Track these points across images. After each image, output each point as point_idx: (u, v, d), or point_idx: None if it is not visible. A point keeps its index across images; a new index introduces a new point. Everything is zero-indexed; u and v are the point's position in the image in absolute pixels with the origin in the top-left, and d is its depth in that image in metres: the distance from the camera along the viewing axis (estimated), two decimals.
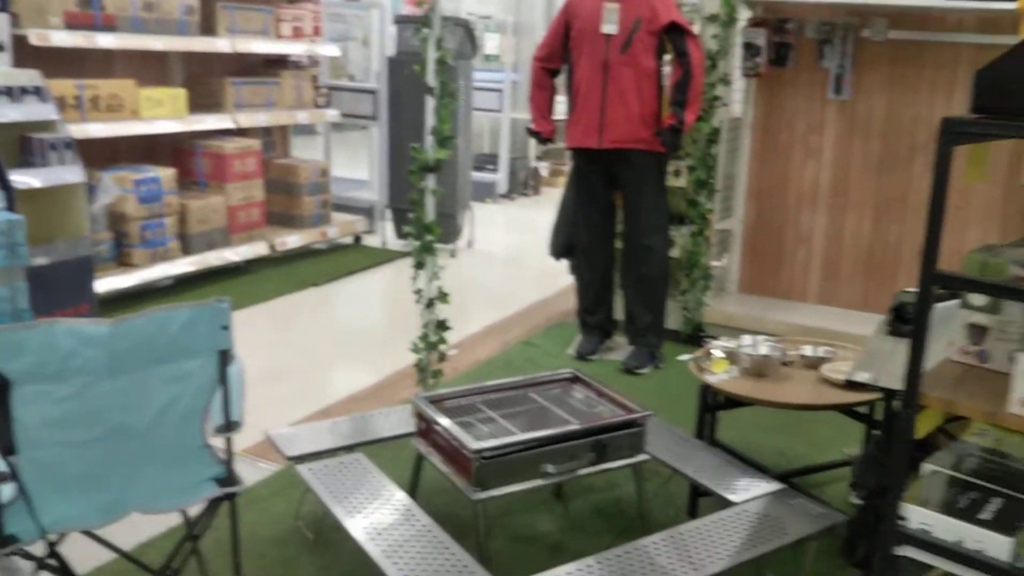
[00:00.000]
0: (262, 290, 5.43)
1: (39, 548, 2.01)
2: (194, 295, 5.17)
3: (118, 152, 5.51)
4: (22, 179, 3.83)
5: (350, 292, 5.71)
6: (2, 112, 3.79)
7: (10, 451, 1.80)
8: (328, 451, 2.81)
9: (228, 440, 2.12)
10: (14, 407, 1.80)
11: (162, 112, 5.16)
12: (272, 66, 6.33)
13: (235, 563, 2.23)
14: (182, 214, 5.34)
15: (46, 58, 4.70)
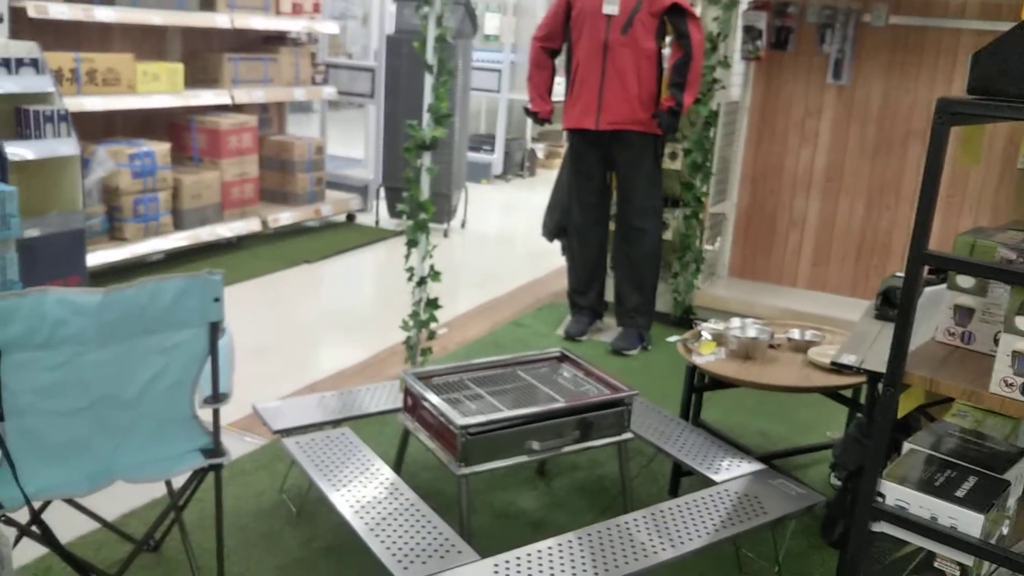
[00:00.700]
0: (254, 266, 5.44)
1: (23, 516, 2.03)
2: (185, 270, 5.11)
3: (113, 126, 5.51)
4: (16, 150, 3.83)
5: (341, 270, 5.73)
6: None
7: None
8: (315, 425, 2.83)
9: (216, 412, 2.14)
10: (3, 374, 1.81)
11: (159, 87, 5.15)
12: (271, 43, 6.31)
13: (218, 534, 2.24)
14: (176, 189, 5.33)
15: (44, 30, 4.69)
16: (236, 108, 5.93)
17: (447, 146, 6.08)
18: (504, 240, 6.84)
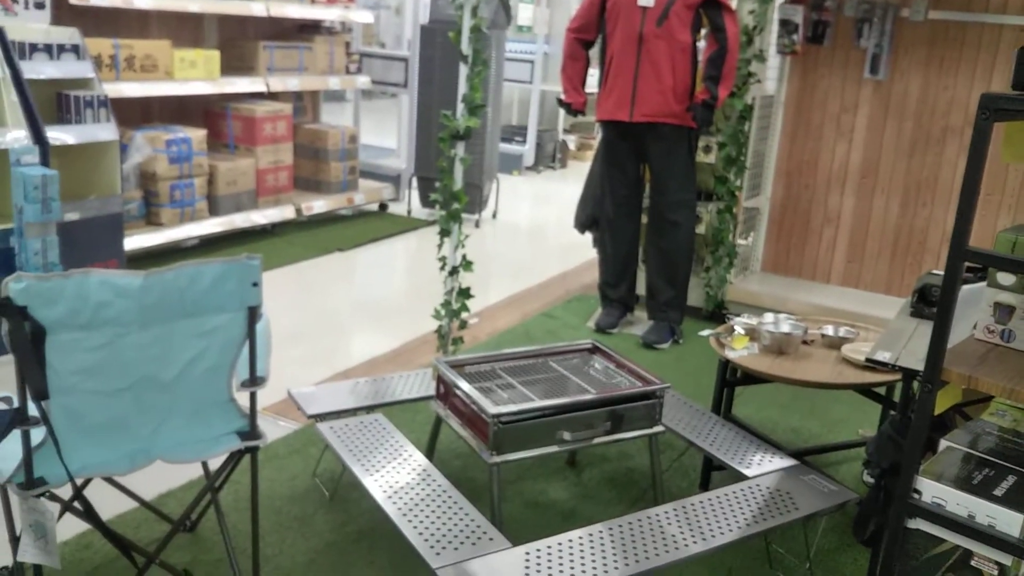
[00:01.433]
0: (287, 253, 5.49)
1: (65, 492, 2.07)
2: (219, 256, 5.22)
3: (150, 112, 5.58)
4: (57, 135, 3.89)
5: (373, 258, 5.76)
6: (41, 69, 3.84)
7: (43, 396, 1.85)
8: (348, 411, 2.86)
9: (253, 395, 2.16)
10: (48, 354, 1.85)
11: (195, 73, 5.21)
12: (306, 31, 6.35)
13: (254, 515, 2.27)
14: (211, 175, 5.39)
15: (84, 16, 4.76)
16: (271, 96, 5.98)
17: (479, 137, 6.09)
18: (535, 231, 6.85)
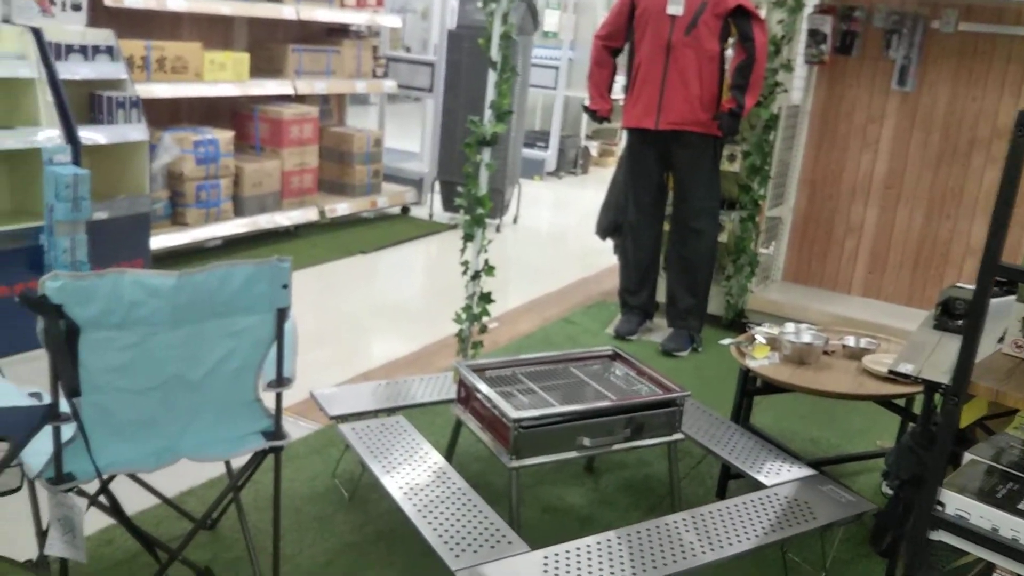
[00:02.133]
0: (310, 255, 5.54)
1: (91, 487, 2.11)
2: (243, 257, 5.30)
3: (179, 112, 5.65)
4: (89, 135, 3.95)
5: (395, 261, 5.80)
6: (76, 69, 3.91)
7: (75, 393, 1.89)
8: (369, 412, 2.89)
9: (279, 395, 2.19)
10: (81, 352, 1.89)
11: (224, 75, 5.27)
12: (334, 35, 6.41)
13: (275, 515, 2.30)
14: (237, 176, 5.45)
15: (118, 18, 4.83)
16: (298, 99, 6.04)
17: (503, 142, 6.12)
18: (555, 237, 6.87)
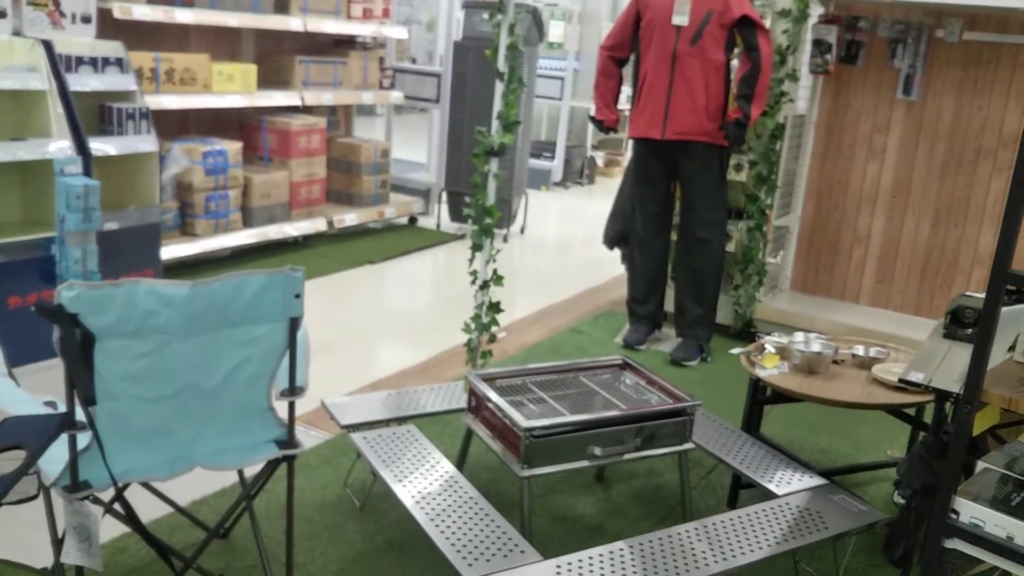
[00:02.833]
0: (319, 265, 5.55)
1: (106, 495, 2.12)
2: (251, 267, 5.30)
3: (187, 124, 5.68)
4: (99, 146, 3.98)
5: (403, 271, 5.82)
6: (86, 81, 3.93)
7: (91, 402, 1.90)
8: (381, 422, 2.90)
9: (292, 404, 2.20)
10: (96, 360, 1.90)
11: (232, 87, 5.30)
12: (340, 46, 6.44)
13: (289, 523, 2.31)
14: (246, 187, 5.48)
15: (127, 31, 4.86)
16: (306, 110, 6.07)
17: (510, 152, 6.14)
18: (563, 247, 6.88)
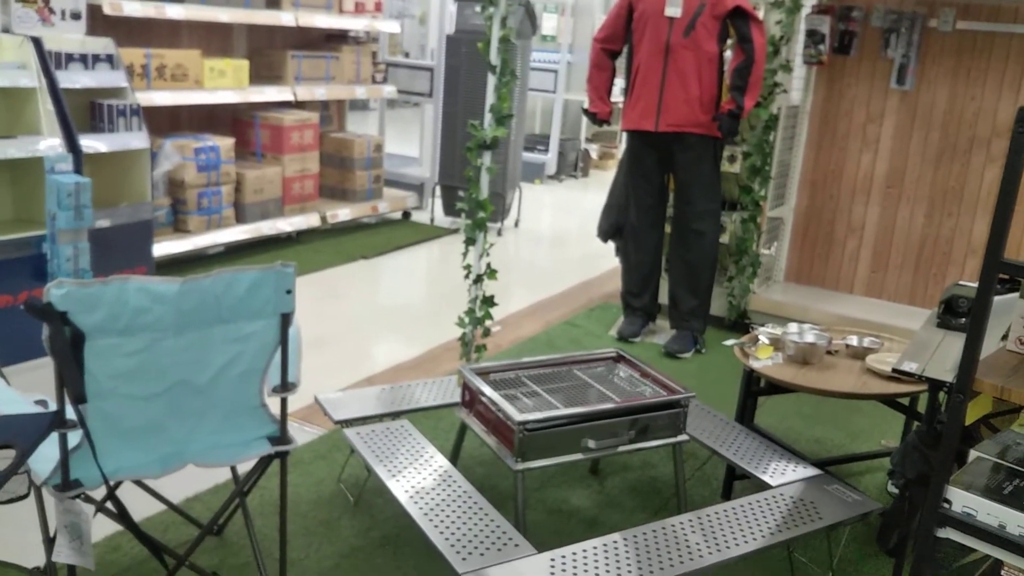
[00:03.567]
0: (312, 260, 5.54)
1: (98, 493, 2.11)
2: (245, 263, 5.26)
3: (179, 120, 5.66)
4: (90, 143, 3.96)
5: (397, 266, 5.81)
6: (76, 78, 3.91)
7: (81, 400, 1.89)
8: (374, 416, 2.89)
9: (284, 400, 2.20)
10: (86, 359, 1.89)
11: (224, 82, 5.28)
12: (332, 41, 6.42)
13: (282, 520, 2.30)
14: (238, 183, 5.46)
15: (117, 27, 4.84)
16: (298, 105, 6.05)
17: (503, 146, 6.13)
18: (557, 240, 6.87)
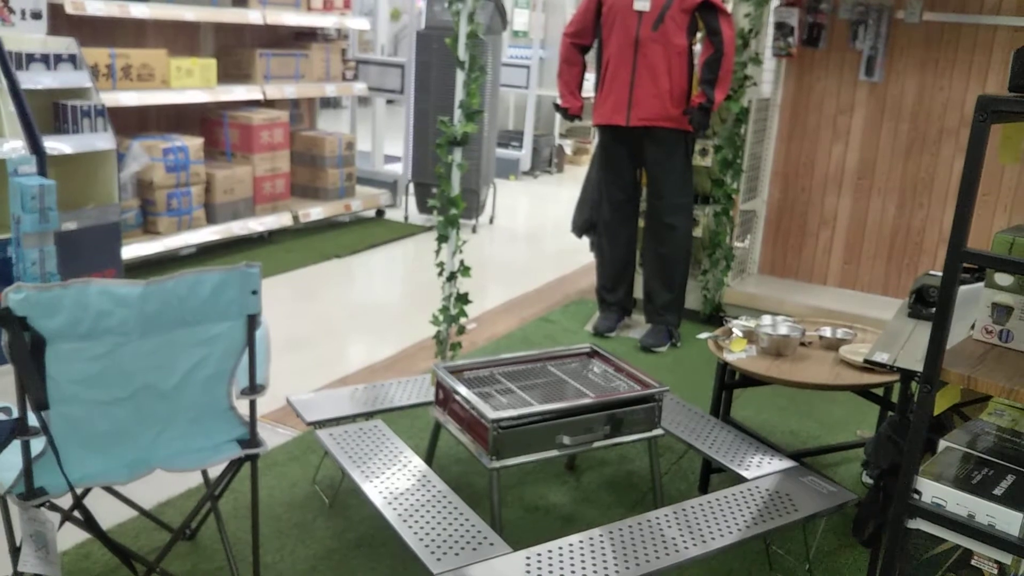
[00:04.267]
0: (284, 260, 5.49)
1: (65, 501, 2.07)
2: (217, 264, 5.23)
3: (147, 121, 5.58)
4: (54, 145, 3.90)
5: (371, 265, 5.77)
6: (38, 79, 3.85)
7: (43, 406, 1.85)
8: (347, 417, 2.86)
9: (252, 403, 2.17)
10: (48, 364, 1.85)
11: (192, 82, 5.21)
12: (302, 38, 6.36)
13: (254, 523, 2.27)
14: (208, 183, 5.40)
15: (80, 27, 4.76)
16: (268, 103, 5.99)
17: (476, 142, 6.10)
18: (532, 236, 6.86)
